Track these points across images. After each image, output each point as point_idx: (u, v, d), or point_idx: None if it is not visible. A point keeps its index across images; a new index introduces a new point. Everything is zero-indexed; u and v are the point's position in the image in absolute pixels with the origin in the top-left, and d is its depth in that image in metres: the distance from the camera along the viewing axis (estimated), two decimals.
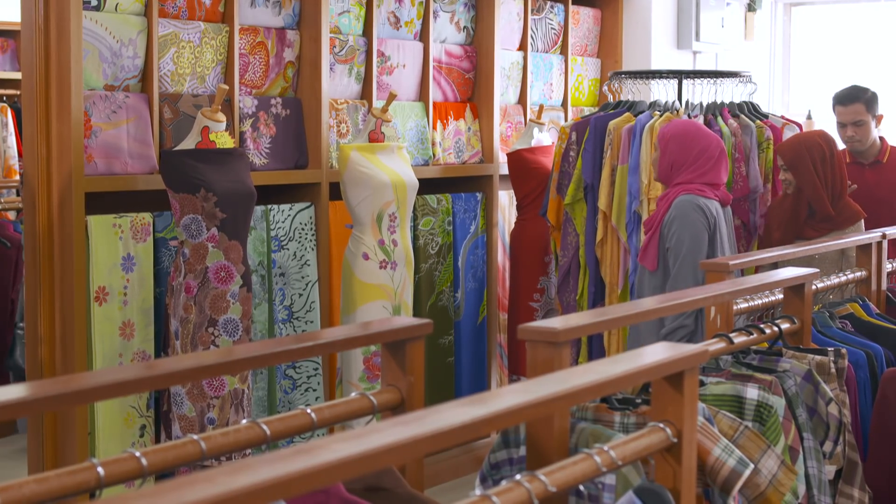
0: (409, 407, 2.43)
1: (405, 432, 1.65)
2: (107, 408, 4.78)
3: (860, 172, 6.03)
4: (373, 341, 2.49)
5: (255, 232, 5.28)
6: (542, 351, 2.39)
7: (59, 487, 1.79)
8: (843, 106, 6.03)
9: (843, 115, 6.05)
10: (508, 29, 6.96)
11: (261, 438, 2.10)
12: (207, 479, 1.37)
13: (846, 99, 6.03)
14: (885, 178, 6.06)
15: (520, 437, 2.52)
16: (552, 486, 1.89)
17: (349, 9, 5.93)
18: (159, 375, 2.22)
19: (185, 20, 5.19)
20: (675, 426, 2.23)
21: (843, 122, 6.05)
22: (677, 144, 5.03)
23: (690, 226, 4.86)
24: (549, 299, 6.31)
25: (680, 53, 8.13)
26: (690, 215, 4.87)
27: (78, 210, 4.70)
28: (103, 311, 4.77)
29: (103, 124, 4.87)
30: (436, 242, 6.21)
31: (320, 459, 1.50)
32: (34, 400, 2.01)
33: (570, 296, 5.90)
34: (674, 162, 5.02)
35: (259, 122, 5.46)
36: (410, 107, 6.31)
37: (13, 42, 9.74)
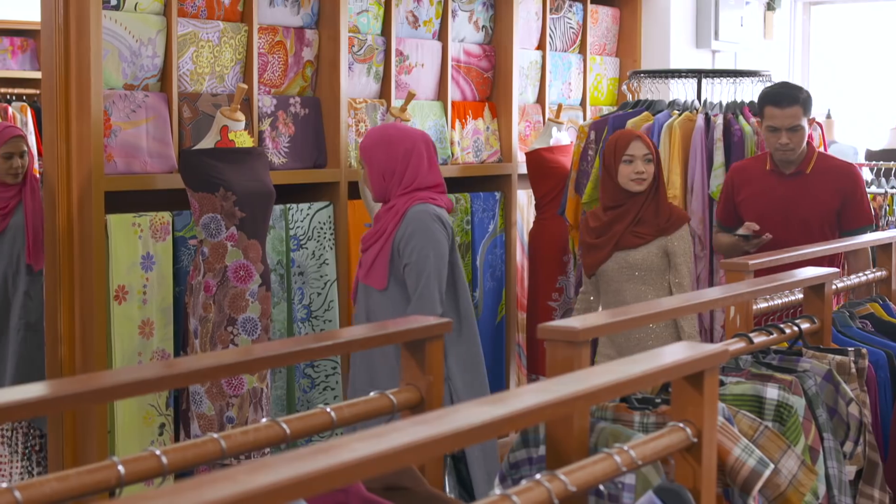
0: (429, 406, 2.43)
1: (425, 431, 1.65)
2: (126, 406, 4.79)
3: (778, 183, 5.21)
4: (392, 340, 2.49)
5: (274, 231, 5.28)
6: (562, 350, 2.38)
7: (80, 485, 1.79)
8: (778, 108, 5.08)
9: (779, 119, 5.08)
10: (527, 28, 6.96)
11: (280, 437, 2.10)
12: (228, 477, 1.37)
13: (783, 100, 5.09)
14: (806, 191, 5.16)
15: (539, 436, 2.51)
16: (572, 486, 1.89)
17: (368, 8, 5.93)
18: (179, 374, 2.22)
19: (204, 20, 5.20)
20: (695, 426, 2.23)
21: (777, 126, 5.08)
22: (381, 152, 4.59)
23: (432, 239, 4.47)
24: (568, 298, 6.30)
25: (699, 52, 8.11)
26: (430, 227, 4.49)
27: (97, 209, 4.71)
28: (123, 309, 4.78)
29: (123, 123, 4.88)
30: None
31: (340, 458, 1.49)
32: (54, 398, 2.02)
33: None
34: (384, 171, 4.58)
35: (278, 121, 5.46)
36: (429, 106, 6.31)
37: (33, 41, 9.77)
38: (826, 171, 5.19)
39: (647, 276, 5.06)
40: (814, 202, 5.13)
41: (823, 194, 5.13)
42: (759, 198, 5.21)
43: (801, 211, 5.13)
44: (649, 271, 5.05)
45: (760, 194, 5.21)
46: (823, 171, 5.19)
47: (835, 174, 5.20)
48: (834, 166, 5.27)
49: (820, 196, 5.13)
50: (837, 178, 5.18)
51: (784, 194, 5.17)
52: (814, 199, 5.13)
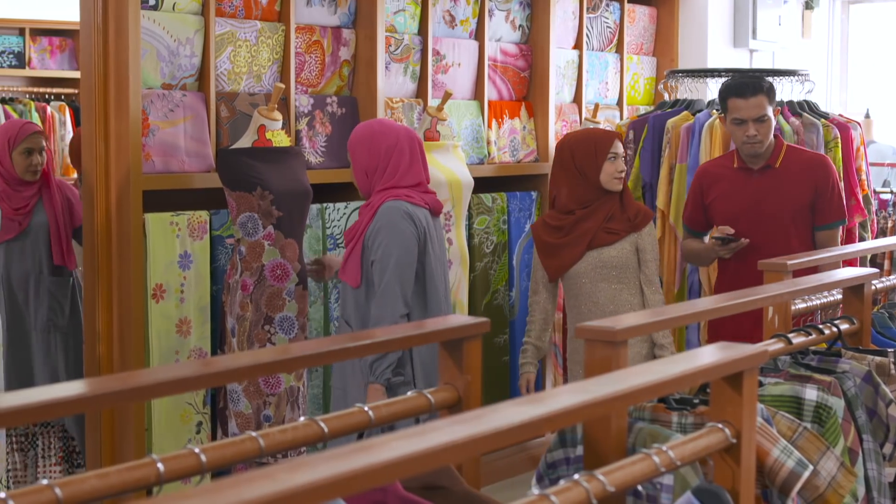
0: (467, 406, 2.43)
1: (464, 431, 1.65)
2: (163, 404, 4.81)
3: (747, 180, 5.06)
4: (430, 340, 2.49)
5: (311, 230, 5.29)
6: (600, 350, 2.38)
7: (120, 483, 1.80)
8: (742, 98, 4.93)
9: (744, 110, 4.92)
10: (564, 27, 6.94)
11: (318, 436, 2.11)
12: (268, 475, 1.37)
13: (746, 90, 4.94)
14: (776, 186, 5.01)
15: (577, 436, 2.51)
16: (611, 486, 1.88)
17: (405, 7, 5.93)
18: (217, 373, 2.23)
19: (241, 19, 5.21)
20: (734, 427, 2.22)
21: (743, 117, 4.92)
22: (364, 148, 4.50)
23: (399, 236, 4.34)
24: None
25: (736, 52, 8.07)
26: (399, 224, 4.36)
27: (136, 208, 4.73)
28: (160, 308, 4.80)
29: (161, 123, 4.90)
30: (491, 241, 6.21)
31: (379, 457, 1.50)
32: (93, 396, 2.03)
33: None
34: (366, 168, 4.49)
35: (315, 120, 5.47)
36: (466, 105, 6.30)
37: (71, 41, 9.83)
38: (797, 163, 5.02)
39: (621, 274, 4.92)
40: (785, 197, 4.97)
41: (795, 188, 4.98)
42: (729, 197, 5.06)
43: (771, 206, 4.97)
44: (624, 269, 4.92)
45: (730, 193, 5.06)
46: (794, 164, 5.02)
47: (806, 166, 5.03)
48: (805, 158, 5.09)
49: (791, 190, 4.98)
50: (809, 170, 5.01)
51: (754, 191, 5.01)
52: (785, 194, 4.97)
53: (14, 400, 1.92)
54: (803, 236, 4.96)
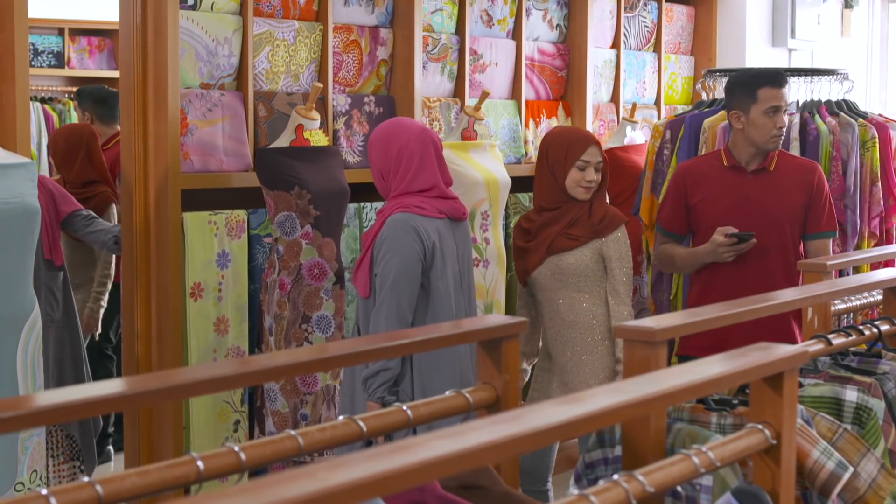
0: (505, 405, 2.42)
1: (503, 431, 1.64)
2: (201, 403, 4.83)
3: (741, 181, 4.80)
4: (468, 339, 2.49)
5: (349, 229, 5.30)
6: (639, 350, 2.37)
7: (160, 480, 1.81)
8: (777, 87, 4.70)
9: (780, 98, 4.69)
10: (601, 27, 6.93)
11: (357, 435, 2.11)
12: (308, 474, 1.37)
13: (782, 79, 4.72)
14: (774, 189, 4.77)
15: (615, 436, 2.50)
16: (650, 487, 1.87)
17: (442, 7, 5.93)
18: (255, 371, 2.23)
19: (279, 19, 5.23)
20: (774, 428, 2.20)
21: (780, 106, 4.69)
22: (378, 150, 4.32)
23: (400, 252, 4.13)
24: (642, 298, 6.26)
25: (775, 51, 8.03)
26: (402, 239, 4.15)
27: (174, 207, 4.75)
28: (198, 307, 4.82)
29: (199, 122, 4.91)
30: None
31: (419, 457, 1.49)
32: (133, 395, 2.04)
33: (663, 295, 5.85)
34: (381, 170, 4.31)
35: (352, 120, 5.48)
36: (503, 105, 6.30)
37: (110, 41, 9.88)
38: (790, 168, 4.81)
39: (581, 282, 4.67)
40: (782, 200, 4.74)
41: (790, 192, 4.76)
42: (721, 197, 4.77)
43: (770, 210, 4.73)
44: (583, 277, 4.66)
45: (723, 194, 4.77)
46: (787, 168, 4.81)
47: (799, 171, 4.81)
48: (798, 163, 4.89)
49: (787, 194, 4.76)
50: (802, 174, 4.80)
51: (751, 193, 4.75)
52: (782, 197, 4.75)
53: (55, 398, 1.93)
54: (796, 241, 4.77)
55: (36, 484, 4.17)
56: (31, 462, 4.15)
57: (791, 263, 4.68)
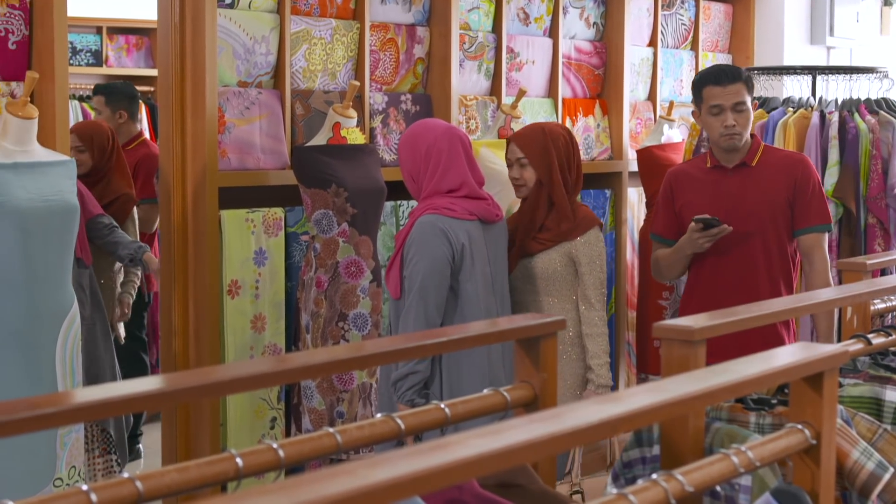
0: (543, 404, 2.42)
1: (542, 429, 1.64)
2: (238, 400, 4.84)
3: (721, 179, 4.65)
4: (506, 338, 2.48)
5: (385, 227, 5.31)
6: (677, 350, 2.36)
7: (199, 477, 1.81)
8: (719, 86, 4.54)
9: (722, 97, 4.52)
10: (638, 24, 6.91)
11: (395, 433, 2.11)
12: (348, 471, 1.37)
13: (723, 76, 4.56)
14: (753, 184, 4.61)
15: (653, 435, 2.49)
16: (689, 486, 1.87)
17: (479, 5, 5.93)
18: (292, 369, 2.24)
19: (316, 17, 5.24)
20: (813, 428, 2.19)
21: (722, 104, 4.52)
22: (407, 152, 4.29)
23: (428, 254, 4.11)
24: (679, 297, 6.24)
25: (813, 49, 7.99)
26: (430, 241, 4.12)
27: (211, 204, 4.77)
28: (235, 304, 4.84)
29: (237, 120, 4.93)
30: None
31: (458, 455, 1.49)
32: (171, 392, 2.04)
33: None
34: (412, 172, 4.28)
35: (389, 118, 5.49)
36: (540, 103, 6.29)
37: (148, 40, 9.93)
38: (774, 162, 4.65)
39: (550, 286, 4.55)
40: (762, 194, 4.58)
41: (772, 185, 4.59)
42: (702, 197, 4.63)
43: (748, 204, 4.57)
44: (551, 281, 4.54)
45: (703, 193, 4.65)
46: (771, 163, 4.65)
47: (784, 164, 4.64)
48: (783, 157, 4.73)
49: (769, 188, 4.59)
50: (787, 168, 4.62)
51: (729, 189, 4.61)
52: (762, 192, 4.58)
53: (95, 394, 1.94)
54: (783, 238, 4.59)
55: (74, 480, 4.19)
56: (69, 458, 4.18)
57: (774, 257, 4.55)
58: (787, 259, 4.61)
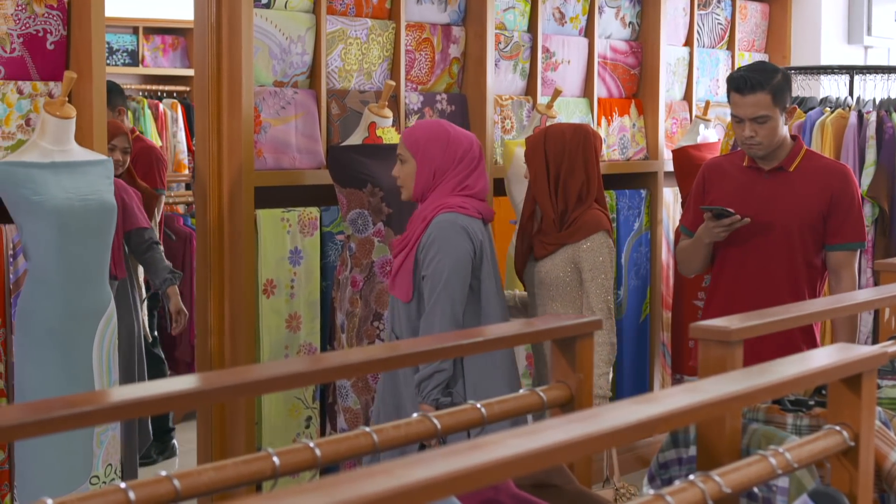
0: (579, 404, 2.42)
1: (580, 430, 1.64)
2: (273, 399, 4.85)
3: (755, 181, 4.45)
4: (542, 338, 2.48)
5: None
6: (715, 350, 2.35)
7: (236, 475, 1.82)
8: (739, 94, 4.32)
9: (741, 108, 4.32)
10: (674, 24, 6.89)
11: (431, 432, 2.11)
12: (385, 471, 1.37)
13: (745, 85, 4.30)
14: (787, 191, 4.39)
15: (689, 436, 2.49)
16: (727, 488, 1.86)
17: (514, 5, 5.92)
18: (328, 368, 2.24)
19: (352, 17, 5.25)
20: (852, 429, 2.18)
21: (740, 116, 4.34)
22: (438, 149, 4.21)
23: (453, 253, 4.08)
24: None
25: (850, 48, 7.94)
26: (453, 240, 4.09)
27: (247, 204, 4.78)
28: (271, 303, 4.85)
29: (272, 120, 4.94)
30: None
31: (495, 455, 1.49)
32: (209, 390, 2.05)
33: None
34: (437, 169, 4.20)
35: (425, 117, 5.49)
36: (575, 103, 6.28)
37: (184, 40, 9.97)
38: (814, 171, 4.41)
39: (555, 292, 4.48)
40: (795, 204, 4.37)
41: (808, 195, 4.38)
42: (732, 196, 4.45)
43: (779, 213, 4.37)
44: (556, 286, 4.48)
45: (734, 192, 4.46)
46: (810, 170, 4.41)
47: (825, 174, 4.41)
48: (824, 166, 4.47)
49: (803, 197, 4.38)
50: (826, 178, 4.40)
51: (761, 193, 4.41)
52: (796, 200, 4.37)
53: (132, 393, 1.95)
54: (809, 252, 4.38)
55: (110, 477, 4.21)
56: (106, 456, 4.20)
57: (799, 270, 4.36)
58: (814, 272, 4.41)
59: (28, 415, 1.79)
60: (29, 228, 3.99)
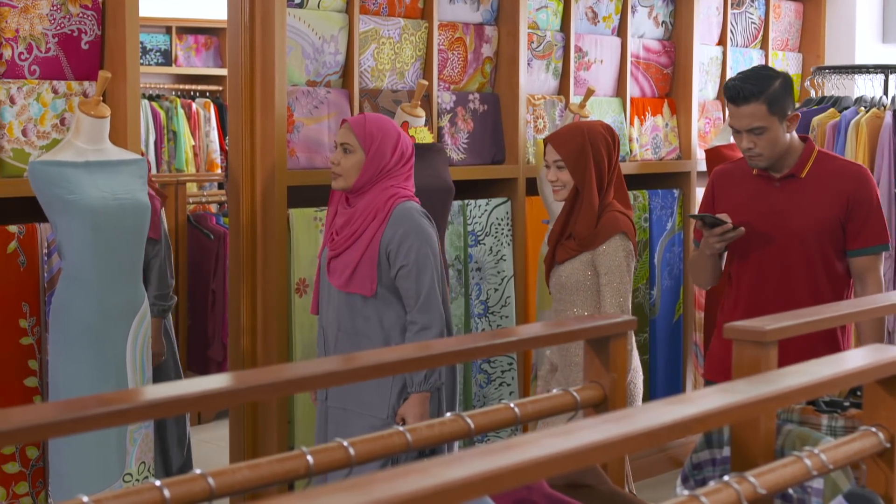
0: (612, 404, 2.41)
1: (614, 430, 1.63)
2: (305, 397, 4.86)
3: (766, 190, 4.23)
4: (576, 338, 2.47)
5: (453, 227, 5.31)
6: (749, 350, 2.34)
7: (271, 474, 1.82)
8: (734, 105, 4.12)
9: (735, 119, 4.14)
10: (707, 23, 6.87)
11: (465, 432, 2.11)
12: (421, 470, 1.37)
13: (738, 95, 4.10)
14: (800, 199, 4.19)
15: (723, 437, 2.48)
16: (762, 489, 1.85)
17: (547, 4, 5.92)
18: (361, 368, 2.24)
19: (385, 17, 5.25)
20: (888, 431, 2.16)
21: (736, 128, 4.14)
22: (391, 147, 4.19)
23: (428, 238, 4.11)
24: None
25: (886, 48, 7.89)
26: (425, 226, 4.12)
27: (280, 203, 4.79)
28: (303, 302, 4.85)
29: (305, 119, 4.95)
30: None
31: (530, 455, 1.49)
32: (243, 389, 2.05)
33: None
34: (384, 167, 4.18)
35: (457, 117, 5.49)
36: (608, 102, 6.27)
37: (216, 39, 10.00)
38: (828, 174, 4.20)
39: (575, 297, 4.38)
40: (810, 212, 4.16)
41: (821, 202, 4.17)
42: (742, 207, 4.24)
43: (794, 223, 4.17)
44: (577, 291, 4.37)
45: (744, 203, 4.25)
46: (824, 174, 4.20)
47: (838, 177, 4.20)
48: (838, 168, 4.25)
49: (818, 204, 4.17)
50: (841, 181, 4.19)
51: (773, 203, 4.20)
52: (810, 208, 4.16)
53: (166, 392, 1.95)
54: (830, 261, 4.19)
55: (143, 475, 4.23)
56: (139, 453, 4.21)
57: (821, 283, 4.18)
58: (838, 281, 4.23)
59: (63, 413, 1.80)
60: (63, 227, 4.01)
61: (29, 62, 4.23)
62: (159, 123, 9.21)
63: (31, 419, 1.76)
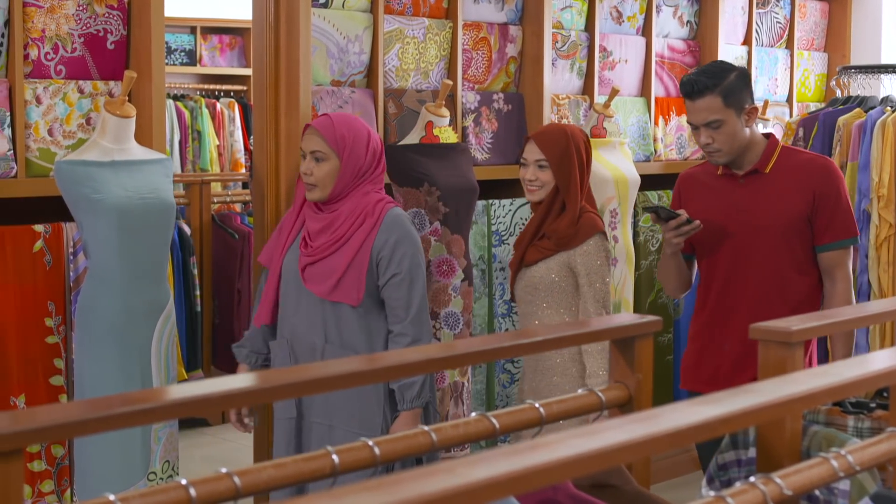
0: (638, 405, 2.41)
1: (640, 430, 1.63)
2: None
3: (731, 188, 4.16)
4: (601, 338, 2.47)
5: (477, 226, 5.30)
6: (775, 351, 2.33)
7: (296, 473, 1.83)
8: (689, 99, 4.06)
9: (692, 113, 4.07)
10: (732, 23, 6.85)
11: (490, 432, 2.11)
12: (447, 469, 1.37)
13: (692, 89, 4.03)
14: (765, 195, 4.11)
15: (748, 438, 2.47)
16: (788, 490, 1.84)
17: (572, 4, 5.91)
18: (384, 368, 2.24)
19: (409, 16, 5.25)
20: None
21: (693, 123, 4.08)
22: (363, 146, 4.05)
23: (417, 244, 4.03)
24: None
25: None
26: (412, 232, 4.05)
27: None
28: None
29: None
30: (656, 239, 6.15)
31: (556, 455, 1.49)
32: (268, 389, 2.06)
33: None
34: (360, 170, 4.05)
35: (481, 117, 5.49)
36: (632, 102, 6.26)
37: (241, 39, 10.03)
38: (792, 168, 4.12)
39: (549, 297, 4.29)
40: (775, 207, 4.08)
41: (787, 195, 4.09)
42: (707, 207, 4.16)
43: (759, 219, 4.09)
44: (550, 292, 4.29)
45: (709, 202, 4.18)
46: (789, 169, 4.12)
47: (803, 171, 4.11)
48: (803, 162, 4.16)
49: (783, 199, 4.09)
50: (806, 175, 4.10)
51: (738, 200, 4.12)
52: (775, 203, 4.08)
53: (192, 391, 1.96)
54: (798, 256, 4.11)
55: (168, 474, 4.24)
56: (163, 452, 4.23)
57: (791, 280, 4.11)
58: (809, 279, 4.15)
59: (89, 412, 1.81)
60: (89, 226, 4.02)
61: (55, 62, 4.25)
62: (184, 123, 9.24)
63: (56, 418, 1.77)
